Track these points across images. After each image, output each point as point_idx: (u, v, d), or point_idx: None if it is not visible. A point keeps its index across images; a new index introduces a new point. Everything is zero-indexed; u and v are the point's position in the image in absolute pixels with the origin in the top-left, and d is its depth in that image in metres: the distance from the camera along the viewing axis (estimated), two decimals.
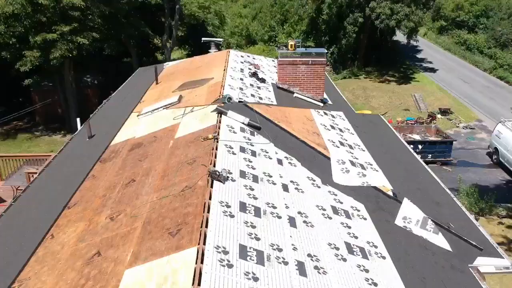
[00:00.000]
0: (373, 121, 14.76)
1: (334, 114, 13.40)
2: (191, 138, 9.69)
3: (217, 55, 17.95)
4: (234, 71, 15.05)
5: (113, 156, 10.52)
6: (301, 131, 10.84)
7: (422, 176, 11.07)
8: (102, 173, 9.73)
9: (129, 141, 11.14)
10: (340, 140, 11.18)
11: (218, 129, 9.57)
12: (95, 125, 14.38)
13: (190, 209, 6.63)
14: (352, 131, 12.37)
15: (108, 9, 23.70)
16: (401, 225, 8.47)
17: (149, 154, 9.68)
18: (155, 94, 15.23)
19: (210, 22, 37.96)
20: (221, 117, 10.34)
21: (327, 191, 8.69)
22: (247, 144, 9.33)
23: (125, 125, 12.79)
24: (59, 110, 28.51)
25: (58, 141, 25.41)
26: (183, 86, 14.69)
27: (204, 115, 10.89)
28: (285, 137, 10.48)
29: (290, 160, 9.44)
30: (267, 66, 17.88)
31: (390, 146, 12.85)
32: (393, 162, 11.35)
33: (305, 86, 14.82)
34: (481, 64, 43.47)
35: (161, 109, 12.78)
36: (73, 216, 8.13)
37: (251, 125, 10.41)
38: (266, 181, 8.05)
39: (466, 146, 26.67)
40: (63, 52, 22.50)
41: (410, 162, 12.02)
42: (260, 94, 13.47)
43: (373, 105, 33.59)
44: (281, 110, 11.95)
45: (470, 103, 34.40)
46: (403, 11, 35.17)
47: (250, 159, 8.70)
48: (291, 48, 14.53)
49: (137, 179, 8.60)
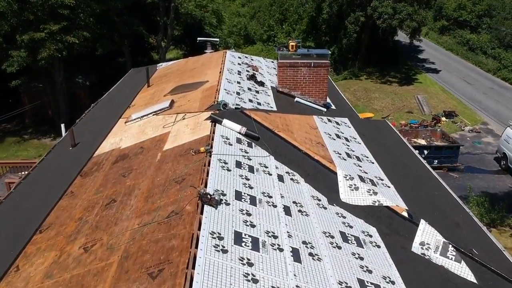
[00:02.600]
0: (380, 127, 13.74)
1: (339, 121, 12.37)
2: (181, 150, 8.65)
3: (213, 56, 16.91)
4: (231, 74, 14.01)
5: (95, 169, 9.47)
6: (304, 141, 9.81)
7: (437, 191, 10.05)
8: (82, 189, 8.69)
9: (114, 152, 10.11)
10: (347, 151, 10.15)
11: (212, 141, 8.54)
12: (81, 131, 13.38)
13: (175, 242, 5.60)
14: (359, 140, 11.35)
15: (99, 7, 22.59)
16: (419, 252, 7.45)
17: (133, 169, 8.64)
18: (146, 98, 14.19)
19: (207, 21, 36.86)
20: (215, 126, 9.32)
21: (334, 213, 7.66)
22: (244, 158, 8.30)
23: (111, 132, 11.76)
24: (49, 112, 27.39)
25: (47, 144, 24.30)
26: (175, 89, 13.65)
27: (197, 124, 9.85)
28: (287, 148, 9.45)
29: (292, 176, 8.42)
30: (266, 68, 16.84)
31: (400, 156, 11.83)
32: (404, 175, 10.33)
33: (307, 90, 13.79)
34: (484, 65, 42.47)
35: (151, 115, 11.75)
36: (44, 243, 7.08)
37: (248, 135, 9.38)
38: (266, 203, 7.02)
39: (472, 151, 25.68)
40: (52, 52, 21.38)
41: (422, 175, 11.01)
42: (259, 99, 12.43)
43: (375, 107, 32.58)
44: (282, 118, 10.92)
45: (475, 105, 33.42)
46: (406, 11, 34.14)
47: (247, 176, 7.67)
48: (292, 49, 13.49)
49: (118, 199, 7.56)
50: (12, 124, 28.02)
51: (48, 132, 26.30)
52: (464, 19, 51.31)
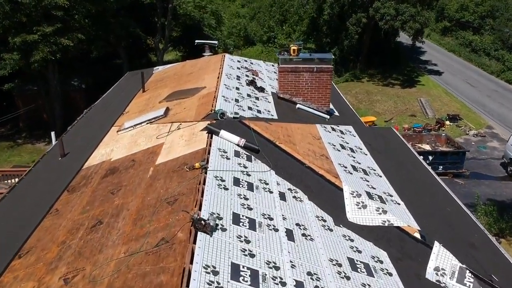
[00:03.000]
0: (385, 135, 13.08)
1: (343, 130, 11.73)
2: (174, 165, 8.00)
3: (211, 60, 16.27)
4: (229, 79, 13.37)
5: (83, 184, 8.83)
6: (307, 154, 9.17)
7: (449, 206, 9.40)
8: (67, 207, 8.04)
9: (104, 164, 9.46)
10: (353, 164, 9.51)
11: (208, 155, 7.91)
12: (71, 139, 12.76)
13: (164, 277, 4.95)
14: (365, 151, 10.70)
15: (94, 8, 21.91)
16: (434, 279, 6.81)
17: (123, 185, 8.00)
18: (140, 104, 13.55)
19: (206, 22, 36.18)
20: (211, 138, 8.68)
21: (341, 235, 7.02)
22: (242, 174, 7.66)
23: (103, 142, 11.12)
24: (44, 115, 26.72)
25: (41, 149, 23.62)
26: (171, 96, 13.01)
27: (192, 135, 9.21)
28: (288, 162, 8.81)
29: (295, 193, 7.78)
30: (267, 72, 16.21)
31: (407, 167, 11.18)
32: (413, 189, 9.69)
33: (309, 96, 13.17)
34: (488, 67, 41.84)
35: (144, 124, 11.10)
36: (22, 271, 6.43)
37: (247, 148, 8.75)
38: (266, 226, 6.38)
39: (478, 156, 25.03)
40: (46, 54, 20.71)
41: (432, 187, 10.36)
42: (259, 106, 11.79)
43: (377, 111, 31.94)
44: (283, 127, 10.28)
45: (479, 108, 32.79)
46: (409, 12, 33.50)
47: (246, 195, 7.03)
48: (293, 53, 12.85)
49: (105, 221, 6.91)
50: (5, 128, 27.35)
51: (43, 136, 25.61)
52: (467, 20, 50.69)
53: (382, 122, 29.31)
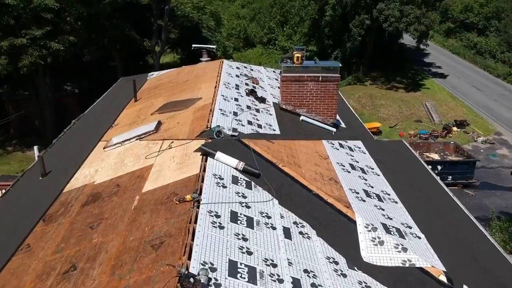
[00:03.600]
0: (397, 150, 12.05)
1: (352, 146, 10.71)
2: (163, 195, 6.99)
3: (208, 66, 15.24)
4: (228, 88, 12.35)
5: (61, 213, 7.81)
6: (314, 178, 8.15)
7: (474, 238, 8.38)
8: (41, 242, 7.03)
9: (87, 189, 8.45)
10: (365, 188, 8.49)
11: (201, 183, 6.89)
12: (56, 154, 11.77)
13: None
14: (377, 171, 9.68)
15: (86, 10, 20.88)
16: None
17: (104, 217, 6.98)
18: (131, 116, 12.54)
19: (205, 24, 35.14)
20: (206, 161, 7.67)
21: (356, 282, 6.00)
22: (241, 207, 6.64)
23: (88, 160, 10.10)
24: (36, 121, 25.69)
25: (31, 158, 22.58)
26: (164, 107, 12.00)
27: (185, 156, 8.20)
28: (293, 188, 7.80)
29: (301, 228, 6.76)
30: (268, 79, 15.18)
31: (423, 187, 10.15)
32: (434, 218, 8.66)
33: (314, 107, 12.16)
34: (494, 70, 40.82)
35: (133, 140, 10.09)
36: None
37: (247, 172, 7.74)
38: (269, 276, 5.37)
39: (487, 164, 24.01)
40: (35, 58, 19.70)
41: (452, 212, 9.33)
42: (259, 120, 10.78)
43: (381, 116, 30.92)
44: (287, 146, 9.25)
45: (486, 113, 31.78)
46: (414, 13, 32.46)
47: (245, 234, 6.02)
48: (297, 61, 11.83)
49: (79, 266, 5.90)
50: None
51: (34, 143, 24.53)
52: (471, 21, 49.69)
53: (387, 128, 28.31)
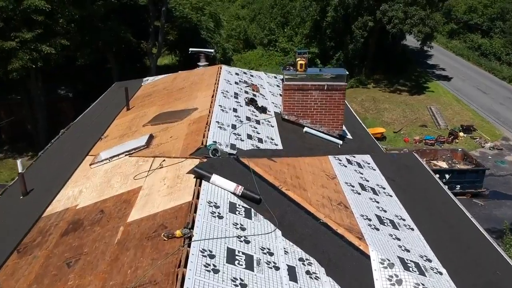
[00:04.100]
0: (408, 164, 11.17)
1: (361, 162, 9.84)
2: (150, 227, 6.13)
3: (206, 73, 14.38)
4: (226, 97, 11.50)
5: (37, 244, 6.96)
6: (322, 203, 7.29)
7: (500, 270, 7.51)
8: (11, 281, 6.18)
9: (68, 214, 7.60)
10: (378, 214, 7.63)
11: (194, 214, 6.03)
12: (40, 170, 10.94)
13: None
14: (389, 191, 8.83)
15: (79, 12, 20.01)
16: None
17: (84, 253, 6.13)
18: (122, 127, 11.68)
19: (204, 25, 34.26)
20: (200, 186, 6.81)
21: None
22: (239, 242, 5.79)
23: (72, 178, 9.27)
24: (28, 126, 24.81)
25: (23, 165, 21.68)
26: (157, 118, 11.15)
27: (177, 178, 7.35)
28: (298, 216, 6.94)
29: (308, 266, 5.91)
30: (268, 86, 14.32)
31: (439, 209, 9.28)
32: (453, 245, 7.79)
33: (319, 117, 11.30)
34: (499, 72, 39.96)
35: (122, 156, 9.24)
36: None
37: (246, 197, 6.88)
38: None
39: (496, 172, 23.14)
40: (25, 62, 18.85)
41: (475, 242, 8.45)
42: (260, 134, 9.92)
43: (385, 120, 30.06)
44: (290, 165, 8.39)
45: (493, 117, 30.92)
46: (418, 15, 31.59)
47: (244, 279, 5.17)
48: (300, 68, 10.98)
49: None
50: None
51: (26, 149, 23.75)
52: (475, 22, 48.81)
53: (391, 133, 27.45)
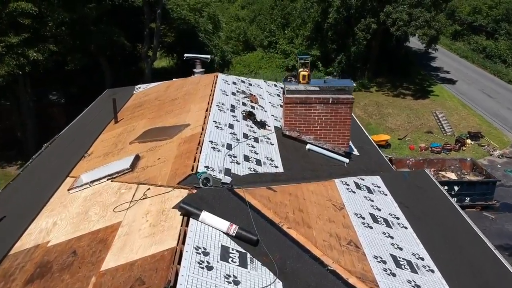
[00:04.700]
0: (420, 186, 10.20)
1: (370, 186, 8.86)
2: (125, 281, 5.14)
3: (201, 82, 13.38)
4: (221, 111, 10.50)
5: None
6: (329, 244, 6.30)
7: None
8: None
9: (37, 254, 6.61)
10: (394, 253, 6.64)
11: (178, 265, 5.04)
12: (16, 192, 9.95)
13: None
14: (403, 221, 7.85)
15: (69, 15, 19.02)
16: None
17: None
18: (107, 143, 10.70)
19: (202, 27, 33.23)
20: (187, 226, 5.82)
21: None
22: None
23: (49, 204, 8.31)
24: (18, 133, 23.81)
25: (11, 175, 20.66)
26: (146, 134, 10.16)
27: (161, 214, 6.35)
28: (302, 261, 5.94)
29: None
30: (268, 96, 13.34)
31: (460, 240, 8.29)
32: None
33: (323, 133, 10.35)
34: (505, 75, 38.94)
35: (104, 180, 8.25)
36: None
37: (241, 238, 5.89)
38: None
39: (506, 182, 22.11)
40: (12, 68, 17.88)
41: (499, 273, 7.48)
42: (258, 154, 8.92)
43: (389, 126, 29.06)
44: (293, 194, 7.40)
45: (500, 123, 29.91)
46: (423, 17, 30.57)
47: None
48: (303, 80, 10.01)
49: None
50: None
51: (15, 158, 22.74)
52: (480, 24, 47.78)
53: (396, 140, 26.44)
